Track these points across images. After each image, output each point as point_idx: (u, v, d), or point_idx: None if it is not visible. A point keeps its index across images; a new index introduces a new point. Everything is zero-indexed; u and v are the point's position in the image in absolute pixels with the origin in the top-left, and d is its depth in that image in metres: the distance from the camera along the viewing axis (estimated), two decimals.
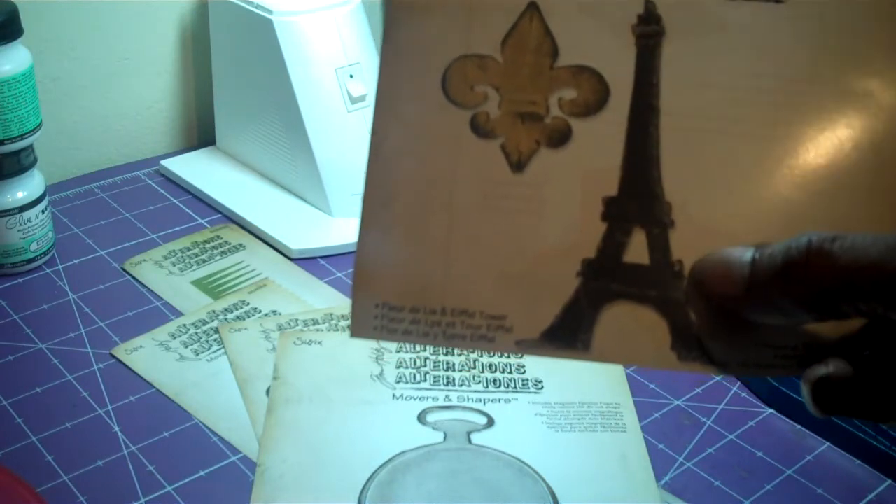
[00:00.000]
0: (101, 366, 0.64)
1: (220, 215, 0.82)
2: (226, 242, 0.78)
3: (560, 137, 0.32)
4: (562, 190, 0.32)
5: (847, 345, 0.32)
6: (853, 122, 0.32)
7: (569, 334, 0.32)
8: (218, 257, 0.76)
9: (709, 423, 0.61)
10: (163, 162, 0.88)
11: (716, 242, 0.31)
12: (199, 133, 0.96)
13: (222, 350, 0.66)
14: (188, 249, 0.77)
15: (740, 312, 0.31)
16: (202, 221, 0.81)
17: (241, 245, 0.78)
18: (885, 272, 0.28)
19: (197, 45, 0.92)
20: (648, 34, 0.32)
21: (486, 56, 0.32)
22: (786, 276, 0.29)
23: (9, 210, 0.71)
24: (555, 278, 0.32)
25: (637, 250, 0.32)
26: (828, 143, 0.32)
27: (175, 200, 0.84)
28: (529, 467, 0.56)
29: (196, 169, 0.87)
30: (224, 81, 0.88)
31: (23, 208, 0.71)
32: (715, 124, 0.32)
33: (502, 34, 0.32)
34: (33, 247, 0.73)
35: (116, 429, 0.59)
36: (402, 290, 0.32)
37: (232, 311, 0.70)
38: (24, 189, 0.72)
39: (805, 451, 0.59)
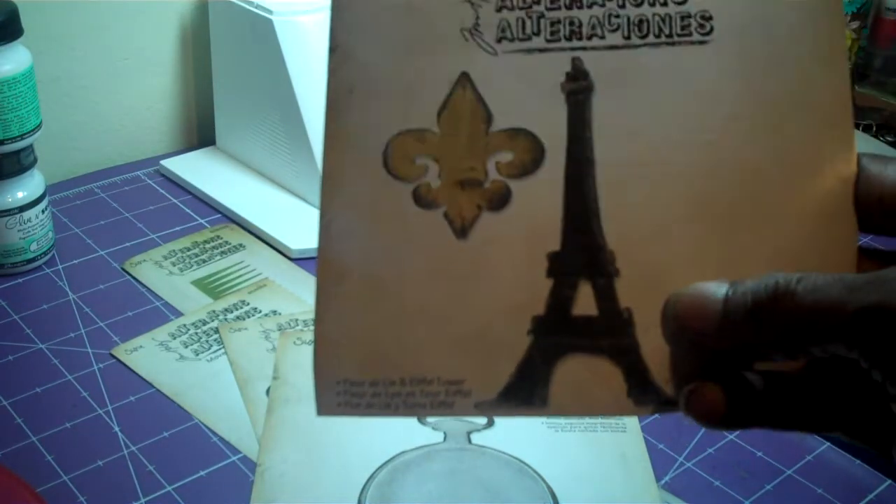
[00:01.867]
0: (101, 366, 0.64)
1: (220, 215, 0.82)
2: (226, 242, 0.78)
3: (500, 200, 0.33)
4: (506, 251, 0.33)
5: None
6: (779, 157, 0.32)
7: (525, 392, 0.33)
8: (218, 257, 0.76)
9: None
10: (163, 162, 0.88)
11: (661, 286, 0.32)
12: (199, 133, 0.96)
13: (222, 350, 0.66)
14: (188, 249, 0.77)
15: (713, 348, 0.31)
16: (202, 221, 0.81)
17: (241, 245, 0.78)
18: (843, 313, 0.28)
19: (197, 45, 0.92)
20: (577, 90, 0.33)
21: (424, 129, 0.33)
22: (755, 316, 0.30)
23: (9, 210, 0.71)
24: (507, 338, 0.33)
25: (585, 302, 0.33)
26: (759, 178, 0.32)
27: (175, 200, 0.84)
28: (529, 467, 0.56)
29: (196, 169, 0.87)
30: (224, 81, 0.88)
31: (23, 208, 0.71)
32: (649, 170, 0.33)
33: (437, 106, 0.33)
34: (33, 247, 0.73)
35: (116, 429, 0.59)
36: (361, 365, 0.33)
37: (232, 311, 0.70)
38: (24, 189, 0.72)
39: (805, 451, 0.59)
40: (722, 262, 0.32)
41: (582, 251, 0.33)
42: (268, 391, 0.62)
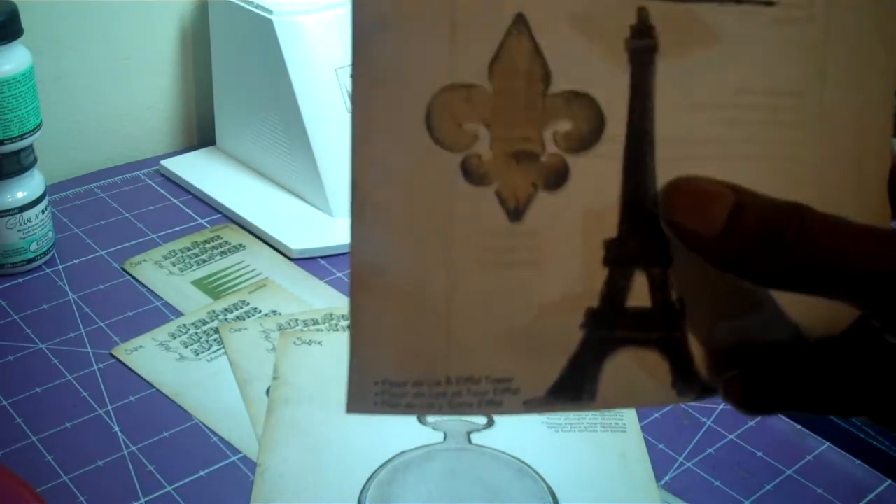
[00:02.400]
0: (101, 366, 0.64)
1: (220, 215, 0.82)
2: (226, 242, 0.78)
3: (557, 178, 0.29)
4: (562, 236, 0.29)
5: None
6: (836, 138, 0.31)
7: (575, 388, 0.31)
8: (218, 257, 0.76)
9: (709, 423, 0.61)
10: (163, 162, 0.88)
11: (712, 274, 0.30)
12: (199, 133, 0.95)
13: (222, 350, 0.66)
14: (188, 249, 0.77)
15: (707, 255, 0.29)
16: (202, 221, 0.81)
17: (241, 245, 0.78)
18: (864, 268, 0.27)
19: (197, 45, 0.92)
20: (642, 49, 0.29)
21: (473, 85, 0.28)
22: (766, 236, 0.27)
23: (9, 210, 0.71)
24: (559, 332, 0.30)
25: (639, 293, 0.30)
26: (812, 161, 0.31)
27: (175, 200, 0.84)
28: (529, 467, 0.56)
29: (196, 169, 0.87)
30: (224, 81, 0.88)
31: (23, 208, 0.71)
32: (705, 149, 0.30)
33: (489, 56, 0.28)
34: (33, 247, 0.73)
35: (116, 429, 0.59)
36: (403, 365, 0.30)
37: (232, 311, 0.70)
38: (24, 189, 0.72)
39: (805, 451, 0.59)
40: None
41: (638, 238, 0.30)
42: (268, 391, 0.62)
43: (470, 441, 0.58)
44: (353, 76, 0.28)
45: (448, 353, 0.30)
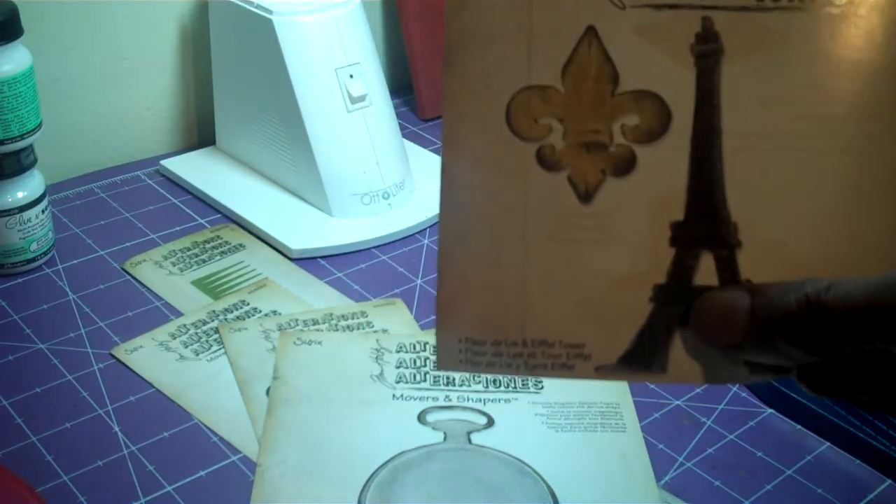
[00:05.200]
0: (101, 366, 0.64)
1: (220, 215, 0.82)
2: (226, 242, 0.78)
3: (625, 166, 0.32)
4: (630, 218, 0.33)
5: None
6: None
7: (645, 358, 0.33)
8: (218, 257, 0.76)
9: (709, 423, 0.61)
10: (163, 162, 0.88)
11: (783, 260, 0.32)
12: (199, 133, 0.96)
13: (222, 350, 0.66)
14: (188, 249, 0.77)
15: (742, 353, 0.32)
16: (202, 221, 0.81)
17: (241, 245, 0.78)
18: (878, 311, 0.28)
19: (197, 45, 0.92)
20: (707, 53, 0.32)
21: (547, 87, 0.32)
22: (784, 326, 0.30)
23: (9, 210, 0.71)
24: (628, 305, 0.33)
25: (706, 273, 0.33)
26: (881, 154, 0.32)
27: (175, 200, 0.84)
28: (529, 467, 0.56)
29: (196, 169, 0.87)
30: (224, 81, 0.88)
31: (23, 208, 0.71)
32: (778, 142, 0.32)
33: (562, 62, 0.32)
34: (33, 247, 0.73)
35: (116, 429, 0.59)
36: (483, 325, 0.33)
37: (232, 311, 0.70)
38: (24, 189, 0.72)
39: (805, 451, 0.59)
40: (846, 237, 0.32)
41: (706, 222, 0.32)
42: (268, 391, 0.62)
43: (470, 441, 0.58)
44: (445, 76, 0.32)
45: (524, 316, 0.33)
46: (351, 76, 0.78)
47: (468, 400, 0.61)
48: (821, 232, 0.32)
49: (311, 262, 0.76)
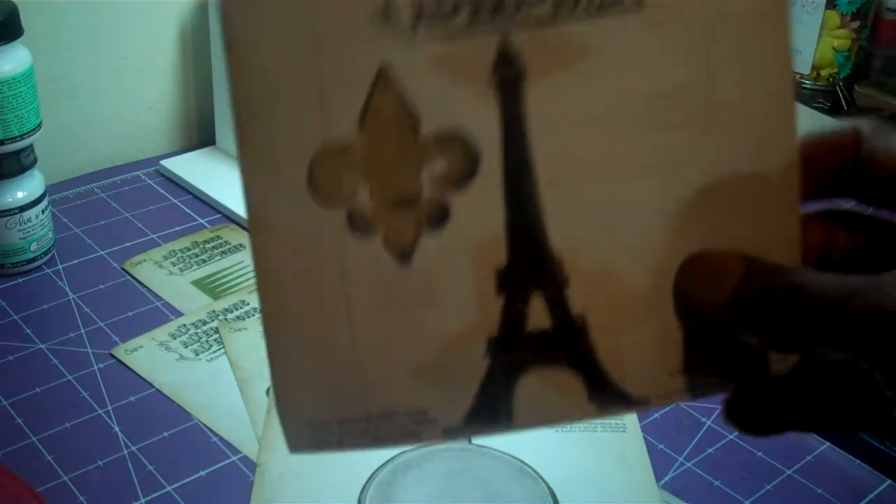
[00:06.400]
0: (101, 366, 0.64)
1: (220, 215, 0.82)
2: (226, 242, 0.78)
3: (439, 216, 0.30)
4: (453, 271, 0.31)
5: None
6: (732, 135, 0.31)
7: (490, 412, 0.32)
8: (218, 257, 0.76)
9: (709, 423, 0.61)
10: (163, 162, 0.88)
11: (614, 288, 0.31)
12: (199, 133, 0.96)
13: (222, 350, 0.66)
14: (188, 249, 0.77)
15: (719, 320, 0.30)
16: (202, 221, 0.81)
17: (241, 245, 0.78)
18: (844, 315, 0.28)
19: (197, 45, 0.92)
20: (507, 78, 0.29)
21: (346, 143, 0.29)
22: (767, 302, 0.29)
23: (9, 210, 0.71)
24: (465, 362, 0.31)
25: (538, 315, 0.31)
26: (703, 163, 0.31)
27: (175, 200, 0.84)
28: (529, 467, 0.56)
29: (196, 169, 0.87)
30: (224, 81, 0.87)
31: (23, 208, 0.71)
32: (589, 166, 0.30)
33: (358, 111, 0.29)
34: (33, 247, 0.73)
35: (116, 429, 0.59)
36: (324, 407, 0.32)
37: (232, 311, 0.70)
38: (24, 189, 0.72)
39: (805, 451, 0.59)
40: (671, 253, 0.31)
41: (530, 263, 0.31)
42: (268, 391, 0.62)
43: (470, 441, 0.58)
44: (237, 146, 0.30)
45: (362, 392, 0.32)
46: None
47: None
48: (647, 255, 0.31)
49: None
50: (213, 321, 0.68)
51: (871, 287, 0.28)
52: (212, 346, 0.66)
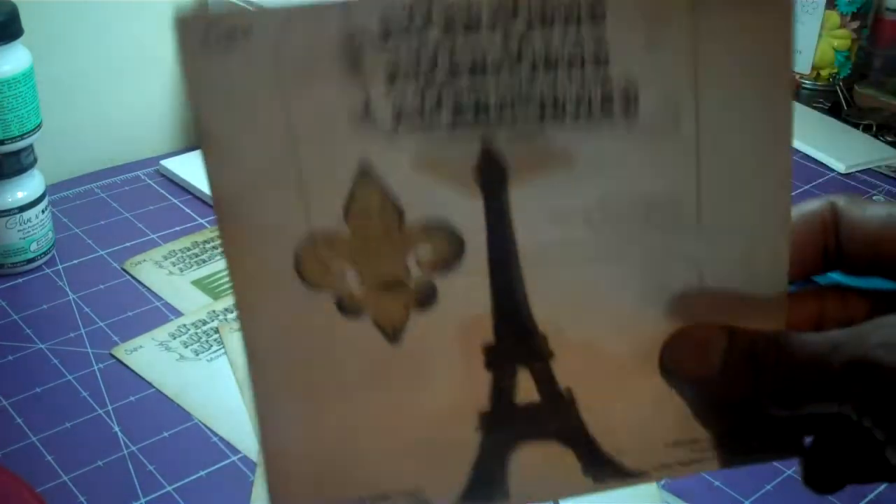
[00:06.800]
0: (101, 366, 0.64)
1: None
2: None
3: (427, 298, 0.31)
4: (441, 350, 0.31)
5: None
6: (720, 238, 0.31)
7: (485, 490, 0.32)
8: (218, 257, 0.76)
9: None
10: (163, 162, 0.88)
11: (598, 360, 0.32)
12: None
13: (222, 350, 0.66)
14: (188, 249, 0.77)
15: (709, 390, 0.31)
16: (202, 221, 0.81)
17: None
18: (830, 369, 0.29)
19: None
20: (491, 178, 0.30)
21: (331, 232, 0.30)
22: (755, 366, 0.30)
23: (9, 210, 0.71)
24: (457, 439, 0.32)
25: (526, 390, 0.32)
26: (688, 259, 0.32)
27: (175, 200, 0.84)
28: None
29: (196, 169, 0.87)
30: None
31: (23, 208, 0.71)
32: (574, 251, 0.31)
33: (342, 203, 0.30)
34: (33, 247, 0.73)
35: (116, 429, 0.59)
36: (318, 493, 0.32)
37: (232, 311, 0.70)
38: (24, 189, 0.72)
39: None
40: (655, 328, 0.32)
41: (516, 340, 0.32)
42: None
43: None
44: (221, 238, 0.30)
45: (356, 474, 0.32)
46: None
47: None
48: (630, 331, 0.32)
49: None
50: (213, 321, 0.69)
51: (851, 339, 0.29)
52: (212, 346, 0.66)
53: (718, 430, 0.33)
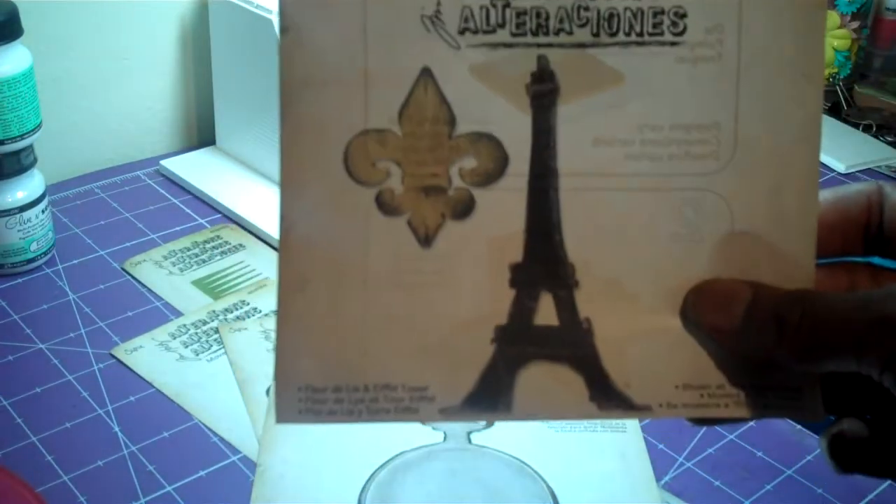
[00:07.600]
0: (101, 366, 0.64)
1: (220, 215, 0.82)
2: (226, 242, 0.78)
3: (464, 209, 0.32)
4: (470, 260, 0.33)
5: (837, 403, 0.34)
6: (753, 171, 0.32)
7: (490, 398, 0.33)
8: (218, 257, 0.76)
9: None
10: (163, 162, 0.88)
11: (619, 299, 0.33)
12: (199, 133, 0.96)
13: (222, 350, 0.66)
14: (188, 249, 0.77)
15: (729, 344, 0.32)
16: (202, 221, 0.81)
17: (241, 245, 0.78)
18: (854, 328, 0.29)
19: (197, 45, 0.92)
20: (542, 93, 0.32)
21: (384, 130, 0.32)
22: (778, 323, 0.30)
23: (9, 210, 0.71)
24: (471, 347, 0.33)
25: (546, 313, 0.33)
26: (721, 191, 0.32)
27: (175, 200, 0.84)
28: (529, 467, 0.56)
29: (196, 169, 0.87)
30: (224, 81, 0.88)
31: (23, 208, 0.71)
32: (612, 182, 0.32)
33: (399, 105, 0.32)
34: (33, 247, 0.73)
35: (116, 429, 0.59)
36: (324, 372, 0.33)
37: (232, 311, 0.70)
38: (24, 189, 0.72)
39: (805, 451, 0.59)
40: (681, 275, 0.33)
41: (544, 263, 0.33)
42: (268, 391, 0.62)
43: (470, 441, 0.58)
44: (280, 122, 0.33)
45: (365, 361, 0.33)
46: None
47: None
48: (656, 274, 0.33)
49: None
50: (213, 321, 0.69)
51: (877, 298, 0.29)
52: (212, 346, 0.66)
53: (734, 381, 0.33)
